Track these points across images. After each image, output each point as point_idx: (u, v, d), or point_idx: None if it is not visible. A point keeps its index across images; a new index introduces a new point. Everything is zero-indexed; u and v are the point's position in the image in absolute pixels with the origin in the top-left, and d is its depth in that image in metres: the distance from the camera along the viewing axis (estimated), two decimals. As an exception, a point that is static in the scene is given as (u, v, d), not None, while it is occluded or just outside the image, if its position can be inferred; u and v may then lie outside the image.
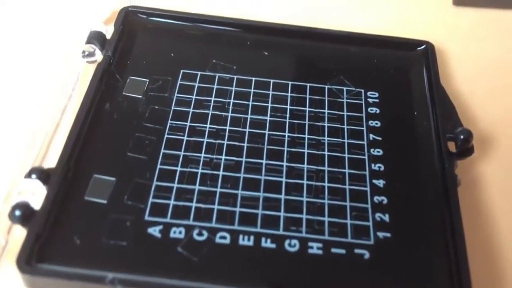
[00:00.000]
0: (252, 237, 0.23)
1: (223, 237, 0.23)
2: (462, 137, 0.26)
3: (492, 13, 0.33)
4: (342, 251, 0.23)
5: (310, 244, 0.23)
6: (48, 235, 0.22)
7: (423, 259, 0.23)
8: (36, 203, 0.22)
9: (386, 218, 0.24)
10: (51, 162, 0.25)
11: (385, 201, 0.25)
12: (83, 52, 0.29)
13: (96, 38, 0.29)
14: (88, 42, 0.29)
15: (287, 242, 0.23)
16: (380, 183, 0.25)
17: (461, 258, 0.23)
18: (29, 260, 0.21)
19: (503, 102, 0.29)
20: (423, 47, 0.31)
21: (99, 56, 0.29)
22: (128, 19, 0.31)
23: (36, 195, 0.23)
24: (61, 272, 0.21)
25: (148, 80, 0.28)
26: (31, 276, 0.21)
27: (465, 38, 0.32)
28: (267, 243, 0.23)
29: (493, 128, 0.28)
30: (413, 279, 0.23)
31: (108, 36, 0.30)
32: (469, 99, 0.29)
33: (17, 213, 0.22)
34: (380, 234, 0.23)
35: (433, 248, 0.23)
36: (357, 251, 0.23)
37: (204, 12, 0.31)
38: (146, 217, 0.23)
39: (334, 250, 0.23)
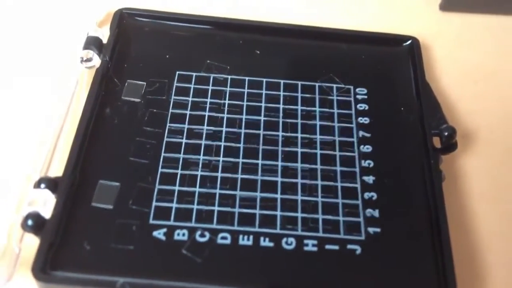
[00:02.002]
0: (251, 237, 0.24)
1: (224, 238, 0.24)
2: (446, 133, 0.27)
3: (478, 18, 0.34)
4: (336, 247, 0.24)
5: (305, 241, 0.25)
6: (59, 243, 0.23)
7: (411, 252, 0.25)
8: (46, 212, 0.24)
9: (376, 213, 0.26)
10: (56, 169, 0.26)
11: (375, 197, 0.26)
12: (81, 58, 0.29)
13: (93, 43, 0.30)
14: (85, 47, 0.30)
15: (284, 240, 0.25)
16: (370, 179, 0.27)
17: (446, 250, 0.24)
18: (43, 268, 0.22)
19: (484, 100, 0.30)
20: (408, 42, 0.32)
21: (97, 61, 0.29)
22: (123, 22, 0.32)
23: (46, 204, 0.24)
24: (74, 278, 0.22)
25: (145, 83, 0.29)
26: (46, 283, 0.22)
27: (450, 42, 0.33)
28: (265, 242, 0.24)
29: (474, 123, 0.29)
30: (401, 271, 0.24)
31: (104, 39, 0.30)
32: (452, 96, 0.30)
33: (30, 222, 0.23)
34: (371, 230, 0.25)
35: (420, 241, 0.25)
36: (349, 246, 0.25)
37: (197, 12, 0.32)
38: (151, 221, 0.25)
39: (328, 246, 0.24)
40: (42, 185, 0.24)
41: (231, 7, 0.34)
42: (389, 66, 0.32)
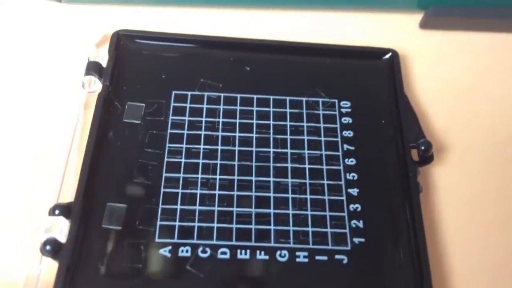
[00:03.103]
0: (248, 251, 0.27)
1: (224, 253, 0.27)
2: (423, 147, 0.30)
3: (456, 36, 0.36)
4: (325, 257, 0.27)
5: (297, 253, 0.27)
6: (76, 265, 0.26)
7: (392, 260, 0.27)
8: (62, 237, 0.26)
9: (361, 224, 0.28)
10: (65, 193, 0.28)
11: (359, 208, 0.29)
12: (83, 83, 0.31)
13: (94, 68, 0.32)
14: (87, 73, 0.31)
15: (278, 253, 0.27)
16: (355, 191, 0.29)
17: (423, 256, 0.27)
18: (63, 290, 0.25)
19: (459, 114, 0.33)
20: (388, 55, 0.34)
21: (98, 85, 0.31)
22: (120, 44, 0.33)
23: (61, 229, 0.26)
24: (92, 299, 0.25)
25: (144, 105, 0.31)
26: (67, 304, 0.25)
27: (429, 59, 0.35)
28: (261, 255, 0.27)
29: (449, 137, 0.32)
30: (384, 277, 0.27)
31: (103, 62, 0.32)
32: (429, 110, 0.33)
33: (48, 248, 0.26)
34: (356, 240, 0.28)
35: (400, 249, 0.28)
36: (337, 256, 0.27)
37: (188, 31, 0.34)
38: (157, 239, 0.27)
39: (317, 257, 0.27)
40: (57, 211, 0.27)
41: (221, 25, 0.35)
42: (371, 79, 0.34)
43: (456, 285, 0.27)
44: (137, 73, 0.33)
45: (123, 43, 0.34)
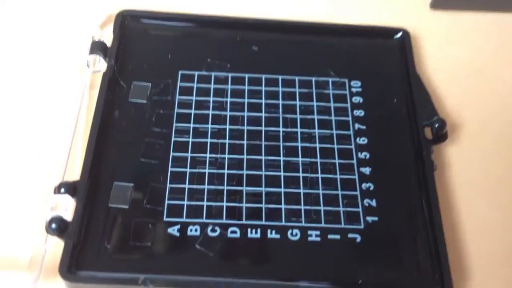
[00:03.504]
0: (259, 230, 0.26)
1: (234, 232, 0.26)
2: (437, 125, 0.29)
3: (467, 16, 0.35)
4: (337, 236, 0.26)
5: (309, 232, 0.26)
6: (82, 244, 0.25)
7: (406, 238, 0.27)
8: (68, 215, 0.25)
9: (374, 203, 0.28)
10: (71, 173, 0.28)
11: (372, 187, 0.28)
12: (87, 62, 0.31)
13: (99, 47, 0.31)
14: (91, 52, 0.31)
15: (289, 232, 0.26)
16: (367, 170, 0.29)
17: (438, 234, 0.26)
18: (70, 268, 0.24)
19: (472, 94, 0.32)
20: (399, 34, 0.34)
21: (103, 65, 0.31)
22: (125, 24, 0.33)
23: (67, 208, 0.25)
24: (99, 277, 0.24)
25: (150, 84, 0.31)
26: (73, 283, 0.24)
27: (440, 39, 0.34)
28: (272, 234, 0.26)
29: (462, 116, 0.31)
30: (398, 256, 0.26)
31: (107, 42, 0.32)
32: (442, 90, 0.32)
33: (54, 226, 0.25)
34: (369, 219, 0.27)
35: (414, 227, 0.27)
36: (350, 235, 0.27)
37: (194, 11, 0.33)
38: (165, 218, 0.26)
39: (330, 236, 0.26)
40: (62, 190, 0.26)
41: (228, 4, 0.35)
42: (381, 58, 0.33)
43: (472, 263, 0.27)
44: (142, 53, 0.32)
45: (128, 23, 0.33)
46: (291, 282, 0.25)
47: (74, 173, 0.28)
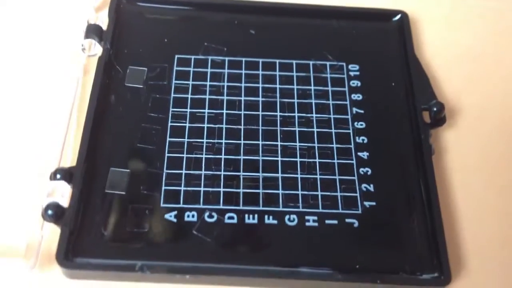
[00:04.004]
0: (256, 215, 0.26)
1: (231, 217, 0.26)
2: (435, 109, 0.29)
3: (468, 1, 0.35)
4: (335, 221, 0.26)
5: (307, 217, 0.26)
6: (79, 230, 0.25)
7: (404, 223, 0.27)
8: (64, 201, 0.25)
9: (371, 188, 0.27)
10: (66, 159, 0.27)
11: (370, 172, 0.28)
12: (83, 46, 0.30)
13: (94, 31, 0.31)
14: (86, 36, 0.30)
15: (287, 217, 0.26)
16: (364, 155, 0.28)
17: (436, 219, 0.26)
18: (66, 255, 0.24)
19: (471, 79, 0.32)
20: (398, 17, 0.33)
21: (99, 49, 0.30)
22: (120, 7, 0.32)
23: (63, 194, 0.25)
24: (96, 263, 0.24)
25: (146, 69, 0.30)
26: (70, 269, 0.24)
27: (440, 24, 0.34)
28: (269, 220, 0.26)
29: (461, 101, 0.31)
30: (396, 240, 0.26)
31: (102, 25, 0.31)
32: (440, 75, 0.32)
33: (50, 212, 0.25)
34: (367, 203, 0.27)
35: (412, 212, 0.27)
36: (347, 220, 0.26)
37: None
38: (162, 204, 0.26)
39: (327, 221, 0.26)
40: (58, 176, 0.26)
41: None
42: (380, 41, 0.33)
43: (470, 248, 0.27)
44: (138, 36, 0.32)
45: (124, 6, 0.33)
46: (289, 267, 0.25)
47: (70, 159, 0.28)
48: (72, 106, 0.29)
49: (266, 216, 0.26)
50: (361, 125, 0.29)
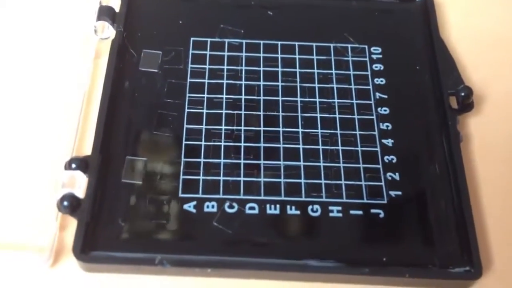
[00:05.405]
0: (278, 206, 0.25)
1: (252, 208, 0.25)
2: (463, 94, 0.28)
3: None
4: (360, 212, 0.25)
5: (330, 208, 0.25)
6: (96, 222, 0.24)
7: (432, 213, 0.26)
8: (80, 192, 0.24)
9: (397, 176, 0.26)
10: (81, 148, 0.26)
11: (395, 160, 0.27)
12: (95, 28, 0.29)
13: (106, 13, 0.29)
14: (99, 18, 0.29)
15: (309, 207, 0.25)
16: (389, 142, 0.27)
17: (466, 209, 0.25)
18: (83, 248, 0.23)
19: (496, 63, 0.31)
20: (422, -3, 0.32)
21: (112, 32, 0.29)
22: (133, -13, 0.31)
23: (79, 184, 0.24)
24: (114, 257, 0.23)
25: (161, 52, 0.29)
26: (87, 263, 0.23)
27: (464, 8, 0.33)
28: (292, 210, 0.25)
29: (487, 86, 0.30)
30: (424, 231, 0.25)
31: (115, 7, 0.30)
32: (466, 60, 0.30)
33: (65, 203, 0.24)
34: (392, 193, 0.26)
35: (440, 201, 0.26)
36: (372, 210, 0.26)
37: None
38: (180, 194, 0.25)
39: (352, 211, 0.25)
40: (73, 165, 0.25)
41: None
42: (403, 23, 0.32)
43: (498, 239, 0.26)
44: (152, 18, 0.31)
45: (137, -13, 0.31)
46: (313, 260, 0.24)
47: (84, 148, 0.27)
48: (85, 92, 0.28)
49: (288, 207, 0.25)
50: (385, 110, 0.28)
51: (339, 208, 0.25)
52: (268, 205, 0.25)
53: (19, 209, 0.25)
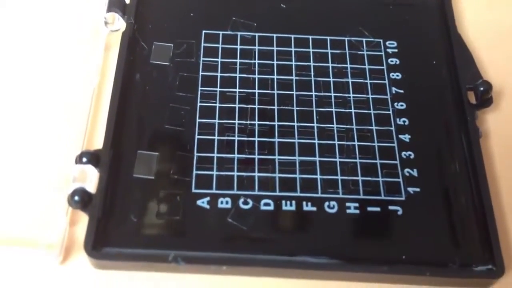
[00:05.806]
0: (293, 202, 0.25)
1: (267, 204, 0.25)
2: (482, 88, 0.27)
3: None
4: (377, 209, 0.25)
5: (347, 204, 0.25)
6: (107, 217, 0.23)
7: (452, 210, 0.25)
8: (91, 187, 0.24)
9: (415, 173, 0.26)
10: (91, 142, 0.26)
11: (412, 155, 0.26)
12: (105, 20, 0.29)
13: (117, 4, 0.29)
14: (109, 10, 0.29)
15: (326, 204, 0.25)
16: (406, 137, 0.27)
17: (487, 205, 0.25)
18: (95, 245, 0.23)
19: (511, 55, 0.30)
20: (438, -10, 0.31)
21: (122, 24, 0.29)
22: (143, -21, 0.30)
23: (90, 179, 0.24)
24: (126, 253, 0.23)
25: (172, 45, 0.29)
26: (99, 260, 0.23)
27: (482, 2, 0.32)
28: (308, 207, 0.25)
29: (505, 81, 0.29)
30: (444, 230, 0.25)
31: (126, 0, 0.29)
32: (482, 55, 0.30)
33: (76, 198, 0.23)
34: (410, 189, 0.25)
35: (460, 198, 0.25)
36: (390, 207, 0.25)
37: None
38: (193, 190, 0.25)
39: (369, 208, 0.25)
40: (84, 159, 0.24)
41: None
42: (418, 16, 0.31)
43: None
44: (163, 10, 0.30)
45: (147, -22, 0.30)
46: (330, 258, 0.23)
47: (94, 142, 0.26)
48: (95, 85, 0.27)
49: (304, 203, 0.25)
50: (402, 105, 0.28)
51: (356, 204, 0.25)
52: (283, 201, 0.25)
53: (29, 204, 0.24)
